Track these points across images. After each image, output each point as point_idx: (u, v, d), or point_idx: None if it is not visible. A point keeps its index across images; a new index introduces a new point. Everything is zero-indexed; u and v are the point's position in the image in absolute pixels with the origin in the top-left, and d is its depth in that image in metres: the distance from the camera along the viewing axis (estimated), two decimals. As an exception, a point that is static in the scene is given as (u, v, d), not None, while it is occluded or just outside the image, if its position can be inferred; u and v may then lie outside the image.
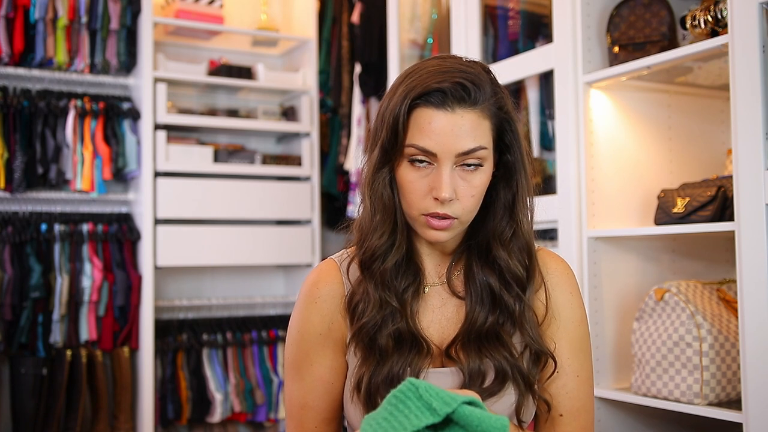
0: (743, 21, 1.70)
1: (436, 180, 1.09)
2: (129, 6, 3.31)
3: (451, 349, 1.14)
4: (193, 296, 3.64)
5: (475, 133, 1.09)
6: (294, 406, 1.19)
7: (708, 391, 1.86)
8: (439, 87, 1.08)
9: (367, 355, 1.14)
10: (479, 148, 1.09)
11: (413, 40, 3.04)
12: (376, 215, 1.15)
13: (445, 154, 1.08)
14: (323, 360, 1.17)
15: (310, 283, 1.21)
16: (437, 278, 1.21)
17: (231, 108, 3.78)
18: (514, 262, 1.15)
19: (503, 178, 1.16)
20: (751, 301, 1.68)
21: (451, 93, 1.08)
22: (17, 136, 3.14)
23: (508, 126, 1.14)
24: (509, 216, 1.15)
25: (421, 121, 1.09)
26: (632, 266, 2.21)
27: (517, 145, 1.15)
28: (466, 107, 1.09)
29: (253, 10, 3.88)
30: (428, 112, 1.09)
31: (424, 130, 1.08)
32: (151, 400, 3.25)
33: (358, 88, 3.52)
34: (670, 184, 2.23)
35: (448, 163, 1.08)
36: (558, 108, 2.23)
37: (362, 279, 1.17)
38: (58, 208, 3.29)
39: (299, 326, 1.19)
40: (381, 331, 1.12)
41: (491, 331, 1.13)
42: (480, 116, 1.10)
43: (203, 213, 3.41)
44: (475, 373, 1.11)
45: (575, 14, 2.19)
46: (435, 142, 1.08)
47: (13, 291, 3.05)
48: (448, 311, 1.19)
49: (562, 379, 1.16)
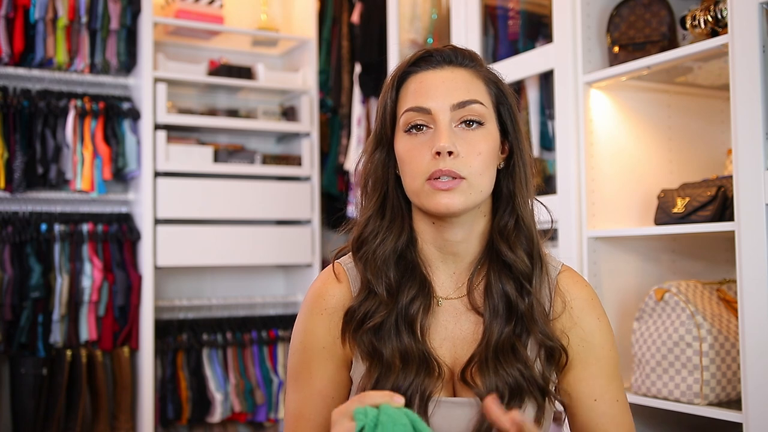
0: (743, 21, 1.70)
1: (435, 137, 1.04)
2: (129, 6, 3.31)
3: (466, 372, 1.05)
4: (193, 296, 3.64)
5: (469, 87, 1.07)
6: (291, 416, 1.12)
7: (708, 391, 1.86)
8: (427, 51, 1.09)
9: (370, 364, 1.06)
10: (474, 101, 1.06)
11: (413, 40, 3.04)
12: (366, 194, 1.13)
13: (439, 107, 1.05)
14: (324, 373, 1.10)
15: (316, 292, 1.13)
16: (453, 290, 1.12)
17: (231, 108, 3.78)
18: (520, 255, 1.09)
19: (505, 166, 1.12)
20: (751, 301, 1.68)
21: (438, 54, 1.09)
22: (17, 136, 3.14)
23: (503, 100, 1.11)
24: (511, 207, 1.11)
25: (412, 85, 1.08)
26: (632, 266, 2.21)
27: (513, 124, 1.11)
28: (455, 66, 1.09)
29: (253, 10, 3.88)
30: (417, 76, 1.09)
31: (416, 91, 1.07)
32: (151, 400, 3.25)
33: (358, 88, 3.52)
34: (670, 184, 2.23)
35: (444, 118, 1.05)
36: (558, 108, 2.23)
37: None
38: (58, 208, 3.29)
39: (302, 337, 1.12)
40: (383, 340, 1.05)
41: (507, 343, 1.06)
42: (473, 75, 1.09)
43: (203, 213, 3.41)
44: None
45: (575, 14, 2.19)
46: (427, 97, 1.06)
47: (13, 291, 3.05)
48: (464, 329, 1.10)
49: (602, 407, 1.10)
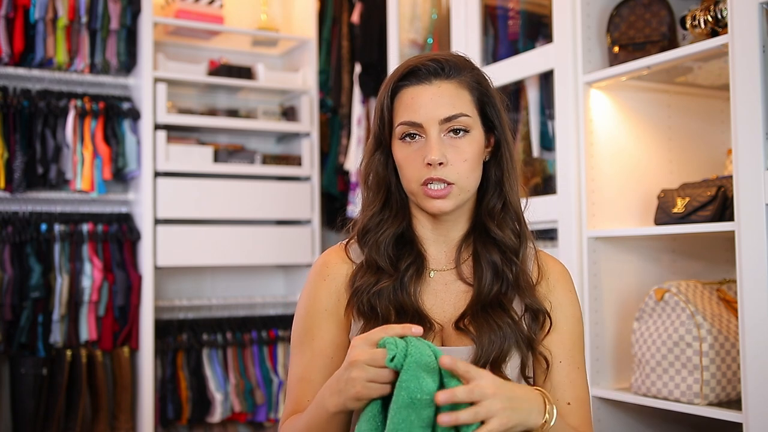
0: (743, 21, 1.70)
1: (426, 147, 1.18)
2: (129, 6, 3.31)
3: (459, 323, 1.19)
4: (193, 296, 3.64)
5: (454, 101, 1.19)
6: (294, 380, 1.22)
7: (708, 391, 1.86)
8: (415, 65, 1.21)
9: (367, 322, 1.18)
10: (460, 114, 1.19)
11: (413, 40, 3.04)
12: (370, 192, 1.26)
13: (429, 122, 1.18)
14: (326, 335, 1.22)
15: (320, 262, 1.27)
16: (445, 264, 1.26)
17: (231, 108, 3.78)
18: (507, 233, 1.23)
19: (492, 156, 1.25)
20: (751, 301, 1.68)
21: (425, 68, 1.20)
22: (17, 136, 3.14)
23: (488, 100, 1.23)
24: (499, 191, 1.24)
25: (405, 99, 1.21)
26: (632, 266, 2.21)
27: (498, 120, 1.24)
28: (442, 78, 1.20)
29: (253, 10, 3.88)
30: (408, 90, 1.21)
31: (408, 106, 1.20)
32: (151, 400, 3.25)
33: (358, 88, 3.52)
34: (670, 184, 2.23)
35: (434, 131, 1.18)
36: (558, 108, 2.23)
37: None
38: (58, 208, 3.29)
39: (306, 303, 1.24)
40: (379, 299, 1.18)
41: (495, 300, 1.20)
42: (458, 86, 1.21)
43: (203, 213, 3.41)
44: (487, 347, 1.15)
45: (575, 14, 2.19)
46: (418, 113, 1.19)
47: (13, 291, 3.05)
48: (452, 296, 1.23)
49: (566, 369, 1.22)
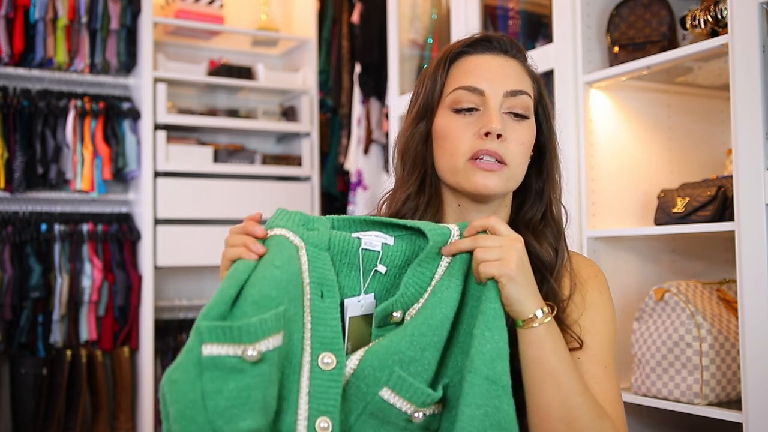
0: (743, 21, 1.70)
1: (485, 117, 1.06)
2: (129, 6, 3.31)
3: None
4: (193, 296, 3.64)
5: (521, 78, 1.10)
6: None
7: (708, 391, 1.86)
8: (485, 36, 1.11)
9: None
10: (525, 92, 1.08)
11: (413, 40, 3.04)
12: (406, 167, 1.14)
13: (493, 90, 1.07)
14: None
15: None
16: None
17: (231, 108, 3.78)
18: (546, 247, 1.11)
19: (534, 164, 1.15)
20: (751, 301, 1.68)
21: (496, 41, 1.11)
22: (17, 136, 3.14)
23: (542, 101, 1.14)
24: (539, 201, 1.14)
25: (466, 66, 1.10)
26: (632, 266, 2.21)
27: (547, 124, 1.14)
28: (509, 56, 1.11)
29: (253, 10, 3.88)
30: (473, 58, 1.10)
31: (470, 71, 1.09)
32: (151, 400, 3.25)
33: (358, 88, 3.52)
34: (670, 184, 2.23)
35: (495, 102, 1.06)
36: (558, 108, 2.23)
37: None
38: (58, 208, 3.29)
39: None
40: None
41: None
42: (523, 69, 1.11)
43: (203, 213, 3.41)
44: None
45: (575, 14, 2.19)
46: (483, 78, 1.07)
47: (13, 291, 3.05)
48: None
49: (586, 365, 1.08)
